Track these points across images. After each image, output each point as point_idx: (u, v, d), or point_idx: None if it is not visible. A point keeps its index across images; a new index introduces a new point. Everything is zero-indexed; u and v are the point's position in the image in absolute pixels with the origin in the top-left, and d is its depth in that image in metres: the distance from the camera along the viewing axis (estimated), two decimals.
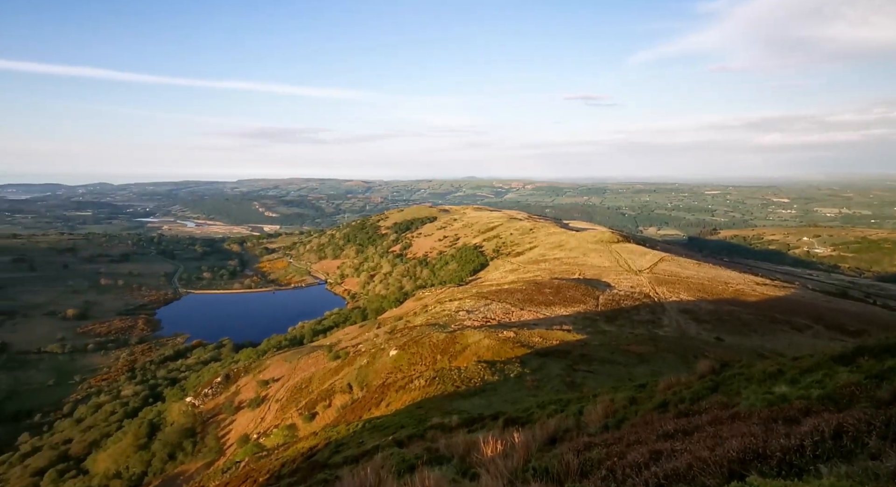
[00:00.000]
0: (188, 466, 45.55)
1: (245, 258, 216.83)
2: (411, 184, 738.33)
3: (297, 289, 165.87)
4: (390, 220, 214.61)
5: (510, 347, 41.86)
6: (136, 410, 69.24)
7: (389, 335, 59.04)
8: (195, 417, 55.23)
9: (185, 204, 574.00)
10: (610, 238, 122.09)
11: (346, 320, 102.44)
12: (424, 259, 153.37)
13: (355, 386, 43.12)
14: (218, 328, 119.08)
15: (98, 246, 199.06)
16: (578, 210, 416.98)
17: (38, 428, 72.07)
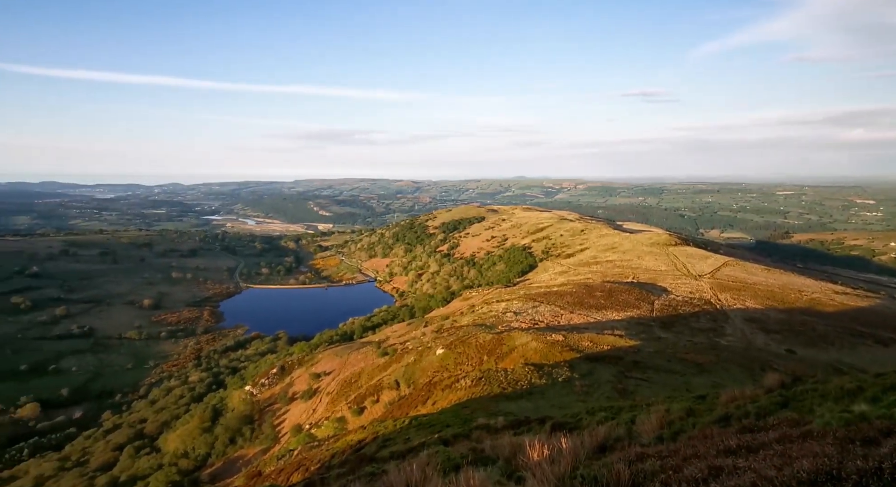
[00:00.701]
0: (247, 451, 48.26)
1: (300, 255, 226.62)
2: (460, 184, 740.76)
3: (347, 286, 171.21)
4: (438, 220, 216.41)
5: (558, 351, 40.96)
6: (201, 395, 74.35)
7: (436, 334, 59.56)
8: (253, 405, 58.42)
9: (247, 203, 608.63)
10: (667, 240, 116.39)
11: (394, 318, 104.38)
12: (472, 259, 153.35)
13: (402, 384, 43.86)
14: (274, 321, 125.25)
15: (170, 242, 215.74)
16: (633, 211, 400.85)
17: (119, 407, 79.14)
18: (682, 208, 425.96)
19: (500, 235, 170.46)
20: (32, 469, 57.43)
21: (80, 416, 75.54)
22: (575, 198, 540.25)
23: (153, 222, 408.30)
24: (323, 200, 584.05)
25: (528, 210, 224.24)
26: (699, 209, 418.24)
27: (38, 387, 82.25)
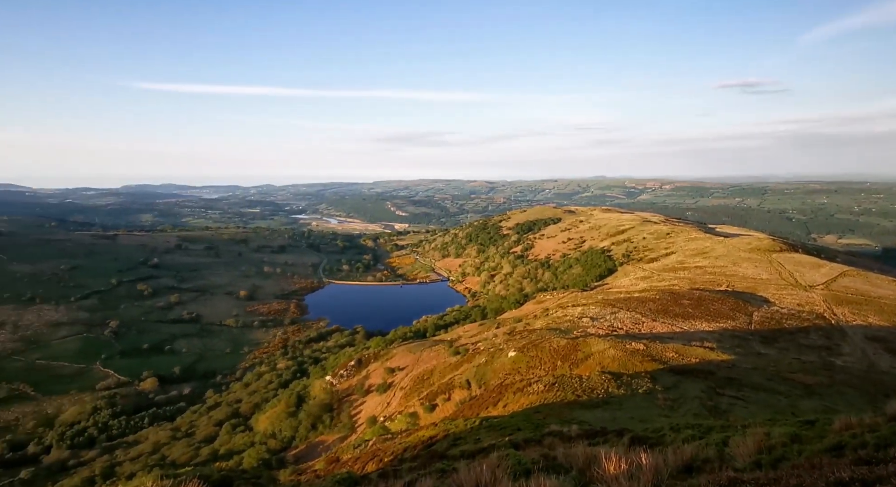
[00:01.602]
0: (326, 437, 51.27)
1: (377, 253, 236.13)
2: (535, 185, 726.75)
3: (421, 285, 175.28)
4: (512, 221, 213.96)
5: (639, 360, 38.60)
6: (287, 382, 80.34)
7: (508, 336, 58.93)
8: (332, 395, 61.91)
9: (330, 203, 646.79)
10: (769, 246, 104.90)
11: (466, 317, 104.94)
12: (546, 261, 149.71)
13: (473, 384, 43.95)
14: (352, 315, 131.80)
15: (263, 239, 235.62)
16: (728, 213, 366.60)
17: (219, 387, 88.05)
18: (789, 210, 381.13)
19: (577, 237, 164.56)
20: (151, 436, 65.79)
21: (188, 392, 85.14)
22: (660, 199, 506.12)
23: (249, 220, 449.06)
24: (399, 200, 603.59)
25: (608, 211, 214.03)
26: (811, 211, 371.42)
27: (157, 364, 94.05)
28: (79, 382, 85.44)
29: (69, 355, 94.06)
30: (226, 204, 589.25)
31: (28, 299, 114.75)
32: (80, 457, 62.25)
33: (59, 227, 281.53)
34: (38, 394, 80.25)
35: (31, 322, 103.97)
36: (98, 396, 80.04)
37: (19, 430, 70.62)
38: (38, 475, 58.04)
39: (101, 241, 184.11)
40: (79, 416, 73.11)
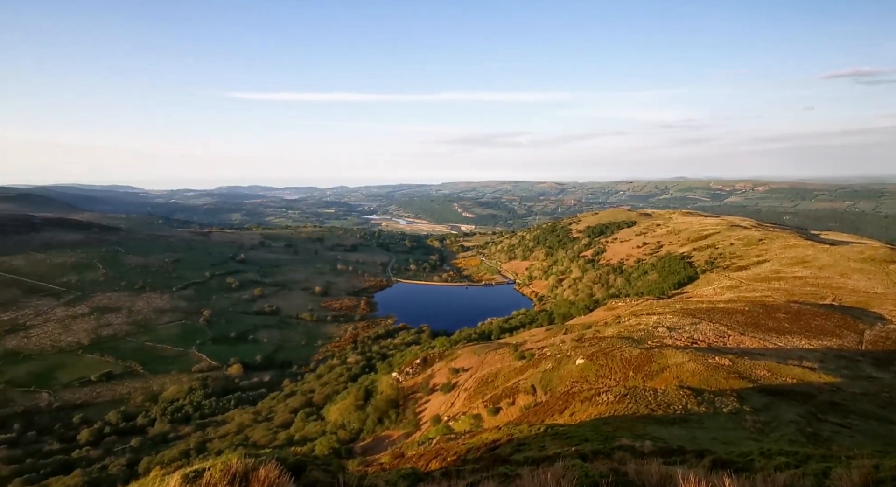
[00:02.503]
0: (392, 432, 52.71)
1: (444, 254, 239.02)
2: (608, 186, 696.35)
3: (486, 287, 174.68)
4: (583, 224, 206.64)
5: (723, 376, 35.49)
6: (356, 375, 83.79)
7: (576, 342, 56.90)
8: (398, 391, 63.54)
9: (400, 204, 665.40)
10: (886, 255, 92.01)
11: (533, 321, 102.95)
12: (619, 266, 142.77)
13: (539, 389, 42.95)
14: (419, 314, 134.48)
15: (337, 238, 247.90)
16: (836, 218, 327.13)
17: (295, 376, 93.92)
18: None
19: (654, 242, 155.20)
20: (237, 417, 71.70)
21: (268, 379, 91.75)
22: (751, 202, 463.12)
23: (325, 220, 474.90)
24: (466, 202, 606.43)
25: (689, 214, 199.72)
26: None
27: (241, 352, 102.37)
28: (178, 364, 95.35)
29: (171, 339, 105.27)
30: (304, 204, 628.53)
31: (139, 287, 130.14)
32: (178, 431, 69.39)
33: (165, 224, 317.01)
34: (146, 372, 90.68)
35: (142, 308, 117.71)
36: (193, 378, 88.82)
37: (130, 403, 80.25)
38: (144, 444, 65.51)
39: (198, 238, 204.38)
40: (178, 394, 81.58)
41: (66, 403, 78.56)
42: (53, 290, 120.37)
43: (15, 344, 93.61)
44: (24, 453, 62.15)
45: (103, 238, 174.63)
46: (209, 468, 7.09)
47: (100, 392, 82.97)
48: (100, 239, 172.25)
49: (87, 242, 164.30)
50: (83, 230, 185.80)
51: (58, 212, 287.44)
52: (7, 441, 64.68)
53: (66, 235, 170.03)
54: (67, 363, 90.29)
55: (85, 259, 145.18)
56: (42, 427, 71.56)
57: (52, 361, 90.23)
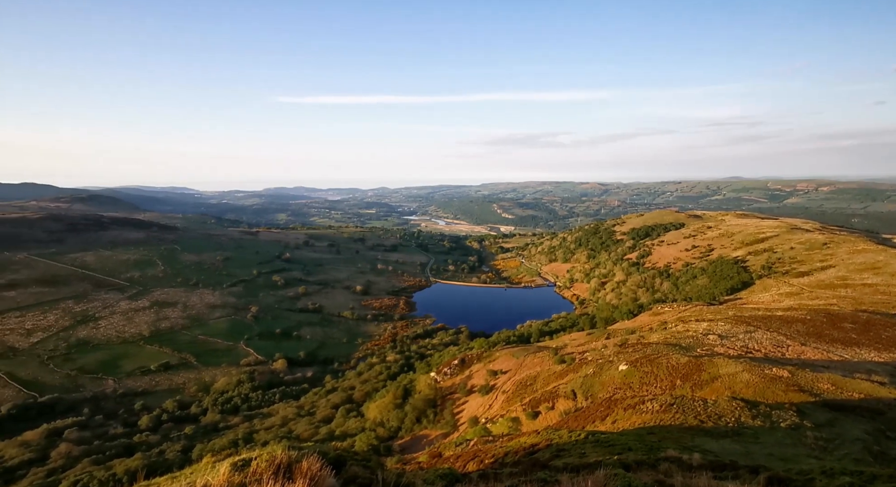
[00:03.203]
0: (429, 431, 53.00)
1: (483, 255, 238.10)
2: (655, 186, 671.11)
3: (526, 289, 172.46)
4: (627, 225, 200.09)
5: (781, 389, 33.27)
6: (395, 374, 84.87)
7: (619, 348, 55.08)
8: (436, 391, 63.82)
9: (439, 205, 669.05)
10: None
11: (573, 325, 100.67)
12: (666, 270, 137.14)
13: (579, 395, 41.90)
14: (457, 315, 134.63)
15: (377, 238, 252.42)
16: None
17: (336, 373, 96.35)
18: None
19: (704, 245, 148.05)
20: (281, 411, 74.39)
21: (310, 375, 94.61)
22: (814, 203, 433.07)
23: (366, 220, 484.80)
24: (506, 203, 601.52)
25: (744, 216, 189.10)
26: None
27: (286, 348, 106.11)
28: (228, 357, 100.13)
29: (221, 333, 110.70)
30: (346, 205, 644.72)
31: (193, 284, 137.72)
32: (227, 421, 72.81)
33: (217, 224, 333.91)
34: (199, 364, 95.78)
35: (195, 303, 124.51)
36: (241, 371, 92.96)
37: (185, 392, 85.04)
38: (197, 432, 69.19)
39: (247, 237, 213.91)
40: (227, 386, 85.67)
41: (129, 390, 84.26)
42: (119, 285, 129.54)
43: (85, 333, 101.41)
44: (93, 435, 67.11)
45: (162, 236, 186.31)
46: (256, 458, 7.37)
47: (158, 381, 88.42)
48: (159, 237, 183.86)
49: (148, 241, 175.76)
50: (145, 229, 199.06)
51: (124, 212, 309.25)
52: (78, 424, 70.07)
53: (130, 234, 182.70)
54: (130, 353, 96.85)
55: (146, 256, 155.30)
56: (108, 412, 77.08)
57: (117, 351, 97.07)
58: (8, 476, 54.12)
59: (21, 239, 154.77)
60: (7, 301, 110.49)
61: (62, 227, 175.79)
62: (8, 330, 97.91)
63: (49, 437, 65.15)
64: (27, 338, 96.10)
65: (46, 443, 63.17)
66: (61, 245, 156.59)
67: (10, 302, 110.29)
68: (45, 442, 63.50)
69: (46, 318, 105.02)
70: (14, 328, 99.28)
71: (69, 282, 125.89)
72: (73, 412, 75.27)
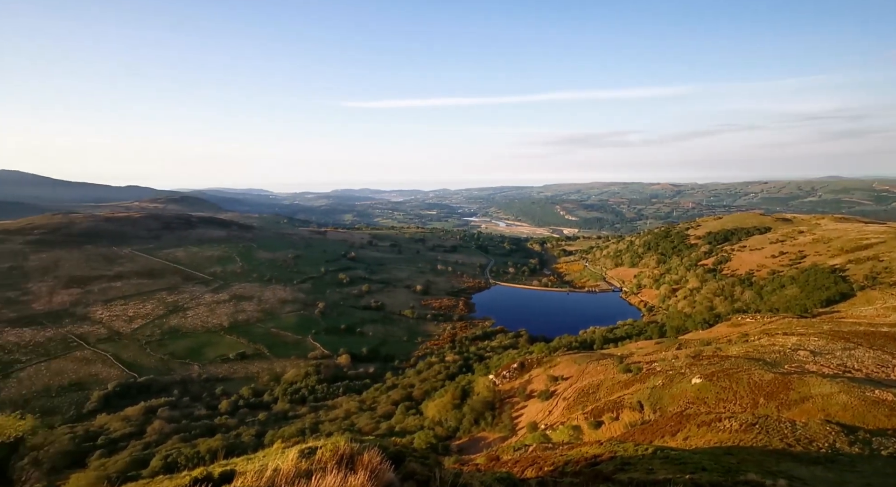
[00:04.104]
0: (487, 434, 52.68)
1: (544, 257, 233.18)
2: (736, 187, 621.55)
3: (589, 293, 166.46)
4: (703, 229, 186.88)
5: (885, 414, 29.35)
6: (453, 375, 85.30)
7: (692, 360, 51.46)
8: (495, 394, 63.31)
9: (500, 206, 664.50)
10: None
11: (640, 333, 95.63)
12: (748, 277, 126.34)
13: (646, 407, 39.66)
14: (516, 318, 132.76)
15: (437, 239, 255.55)
16: None
17: (396, 370, 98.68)
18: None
19: (795, 251, 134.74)
20: (344, 404, 77.47)
21: (372, 371, 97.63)
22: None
23: (427, 221, 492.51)
24: (569, 204, 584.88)
25: (844, 220, 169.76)
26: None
27: (349, 344, 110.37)
28: (297, 350, 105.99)
29: (291, 327, 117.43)
30: (408, 206, 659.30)
31: (267, 280, 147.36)
32: (295, 411, 77.07)
33: (289, 224, 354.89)
34: (272, 355, 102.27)
35: (269, 298, 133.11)
36: (308, 363, 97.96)
37: (259, 381, 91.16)
38: (269, 419, 73.87)
39: (316, 236, 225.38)
40: (296, 377, 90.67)
41: (211, 376, 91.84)
42: (204, 279, 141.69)
43: (176, 322, 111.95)
44: (181, 415, 73.90)
45: (241, 235, 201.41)
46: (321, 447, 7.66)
47: (235, 369, 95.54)
48: (238, 235, 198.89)
49: (229, 238, 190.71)
50: (226, 228, 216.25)
51: (209, 212, 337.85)
52: (169, 404, 77.49)
53: (214, 232, 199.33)
54: (212, 341, 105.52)
55: (227, 253, 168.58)
56: (193, 395, 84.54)
57: (201, 339, 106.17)
58: (112, 447, 60.99)
59: (126, 235, 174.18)
60: (115, 290, 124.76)
61: (159, 226, 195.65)
62: (115, 317, 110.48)
63: (146, 414, 72.59)
64: (129, 324, 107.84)
65: (143, 419, 70.41)
66: (158, 241, 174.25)
67: (117, 291, 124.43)
68: (143, 418, 70.80)
69: (145, 307, 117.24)
70: (119, 314, 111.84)
71: (163, 275, 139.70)
72: (164, 392, 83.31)
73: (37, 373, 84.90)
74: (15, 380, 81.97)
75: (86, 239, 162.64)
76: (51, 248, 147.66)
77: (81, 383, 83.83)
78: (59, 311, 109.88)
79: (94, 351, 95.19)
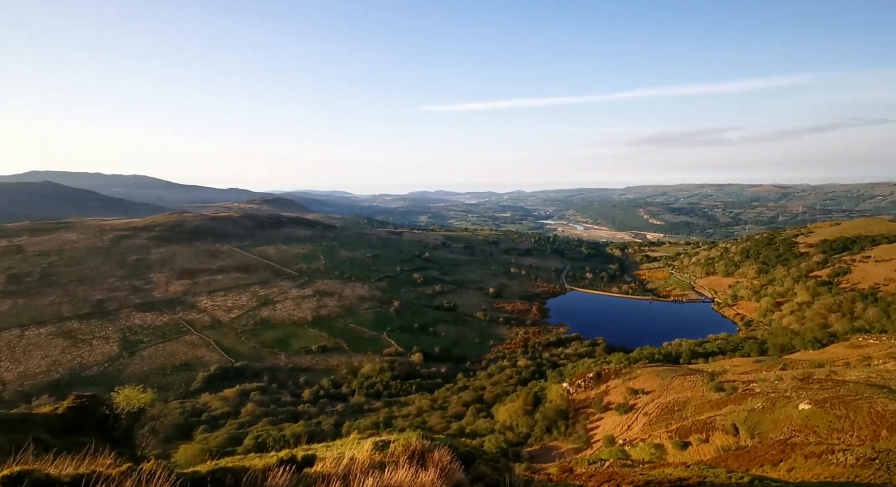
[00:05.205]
0: (560, 444, 50.89)
1: (625, 263, 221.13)
2: (859, 189, 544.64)
3: (676, 303, 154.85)
4: (816, 236, 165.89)
5: None
6: (525, 380, 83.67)
7: (800, 382, 45.69)
8: (569, 403, 61.02)
9: (577, 209, 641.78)
10: None
11: (736, 349, 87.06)
12: (872, 293, 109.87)
13: (743, 431, 35.87)
14: (593, 325, 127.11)
15: (511, 241, 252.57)
16: None
17: (467, 372, 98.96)
18: None
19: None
20: (416, 401, 79.25)
21: (444, 371, 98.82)
22: None
23: (500, 223, 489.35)
24: (654, 207, 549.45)
25: None
26: None
27: (422, 342, 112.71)
28: (373, 346, 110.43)
29: (368, 324, 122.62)
30: (482, 208, 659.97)
31: (347, 277, 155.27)
32: (371, 405, 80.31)
33: (368, 224, 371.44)
34: (350, 350, 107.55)
35: (348, 294, 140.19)
36: (384, 359, 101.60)
37: (337, 374, 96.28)
38: (346, 410, 77.75)
39: (392, 237, 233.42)
40: (371, 372, 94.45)
41: (296, 366, 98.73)
42: (291, 275, 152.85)
43: (266, 314, 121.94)
44: (269, 399, 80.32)
45: (324, 234, 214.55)
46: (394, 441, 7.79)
47: (317, 361, 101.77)
48: (322, 235, 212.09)
49: (314, 237, 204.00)
50: (311, 227, 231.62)
51: (296, 213, 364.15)
52: (260, 389, 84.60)
53: (301, 231, 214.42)
54: (297, 334, 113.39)
55: (311, 251, 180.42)
56: (280, 382, 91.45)
57: (288, 331, 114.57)
58: (213, 423, 67.85)
59: (227, 233, 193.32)
60: (217, 283, 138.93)
61: (253, 225, 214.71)
62: (216, 306, 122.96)
63: (240, 396, 79.83)
64: (228, 314, 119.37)
65: (238, 401, 77.49)
66: (252, 239, 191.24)
67: (218, 284, 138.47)
68: (238, 400, 77.94)
69: (241, 299, 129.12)
70: (220, 305, 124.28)
71: (257, 270, 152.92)
72: (256, 378, 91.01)
73: (155, 353, 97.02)
74: (139, 358, 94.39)
75: (195, 235, 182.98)
76: (168, 244, 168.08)
77: (189, 364, 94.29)
78: (173, 299, 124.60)
79: (200, 336, 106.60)
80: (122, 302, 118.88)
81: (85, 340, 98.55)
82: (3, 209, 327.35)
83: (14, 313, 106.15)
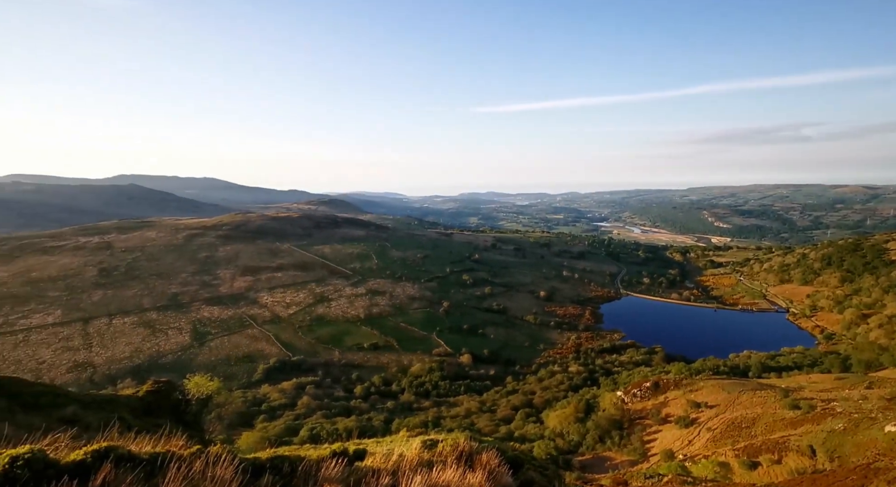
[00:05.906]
0: (613, 454, 48.94)
1: (686, 268, 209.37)
2: None
3: (744, 312, 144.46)
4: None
5: None
6: (577, 386, 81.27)
7: (888, 402, 41.10)
8: (623, 412, 58.54)
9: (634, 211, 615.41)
10: None
11: (814, 364, 79.78)
12: None
13: (820, 453, 32.77)
14: (650, 333, 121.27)
15: (564, 244, 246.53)
16: None
17: (517, 375, 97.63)
18: None
19: None
20: (465, 403, 79.29)
21: (492, 373, 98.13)
22: None
23: (553, 225, 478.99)
24: (720, 210, 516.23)
25: None
26: None
27: (471, 344, 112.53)
28: (423, 345, 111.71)
29: (418, 323, 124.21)
30: (534, 209, 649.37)
31: (398, 277, 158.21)
32: (420, 404, 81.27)
33: (419, 225, 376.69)
34: (400, 348, 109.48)
35: (399, 294, 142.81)
36: (433, 359, 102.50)
37: (388, 371, 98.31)
38: (396, 408, 79.21)
39: (442, 238, 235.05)
40: (421, 371, 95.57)
41: (348, 362, 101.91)
42: (345, 273, 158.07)
43: (322, 311, 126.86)
44: (323, 393, 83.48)
45: (377, 235, 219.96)
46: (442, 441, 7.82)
47: (368, 358, 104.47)
48: (375, 235, 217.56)
49: (367, 238, 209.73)
50: (365, 228, 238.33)
51: (351, 213, 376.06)
52: (314, 383, 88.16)
53: (355, 231, 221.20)
54: (350, 331, 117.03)
55: (365, 250, 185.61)
56: (334, 377, 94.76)
57: (342, 328, 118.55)
58: (272, 413, 71.52)
59: (286, 233, 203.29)
60: (277, 280, 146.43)
61: (311, 225, 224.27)
62: (276, 302, 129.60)
63: (297, 389, 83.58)
64: (286, 310, 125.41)
65: (295, 393, 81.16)
66: (310, 238, 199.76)
67: (278, 281, 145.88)
68: (294, 393, 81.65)
69: (298, 295, 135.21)
70: (279, 301, 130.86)
71: (313, 268, 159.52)
72: (311, 372, 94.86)
73: (221, 344, 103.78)
74: (207, 348, 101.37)
75: (257, 235, 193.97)
76: (233, 242, 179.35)
77: (251, 356, 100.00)
78: (237, 295, 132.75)
79: (261, 330, 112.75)
80: (193, 296, 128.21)
81: (162, 330, 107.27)
82: (96, 209, 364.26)
83: (104, 303, 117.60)
